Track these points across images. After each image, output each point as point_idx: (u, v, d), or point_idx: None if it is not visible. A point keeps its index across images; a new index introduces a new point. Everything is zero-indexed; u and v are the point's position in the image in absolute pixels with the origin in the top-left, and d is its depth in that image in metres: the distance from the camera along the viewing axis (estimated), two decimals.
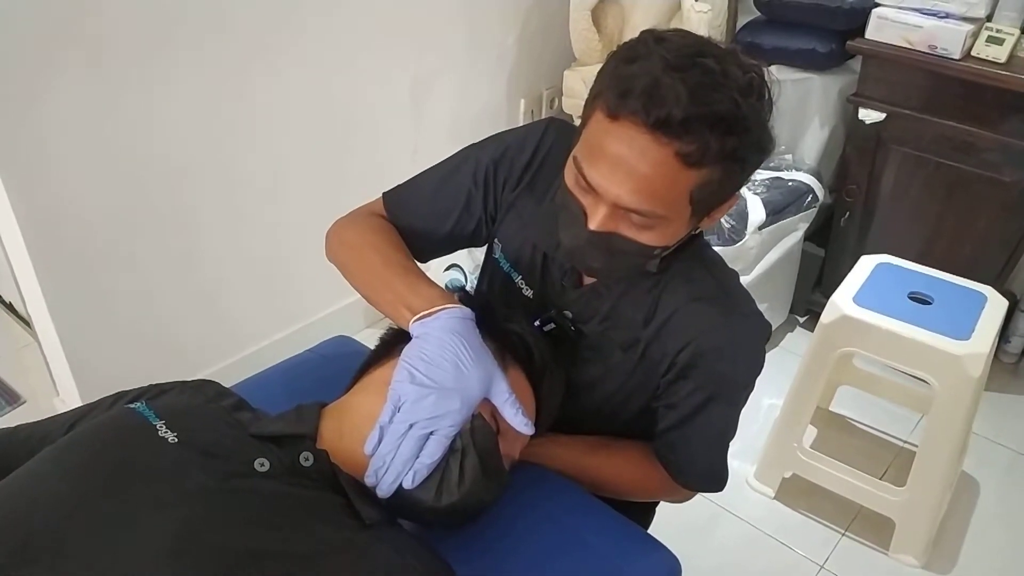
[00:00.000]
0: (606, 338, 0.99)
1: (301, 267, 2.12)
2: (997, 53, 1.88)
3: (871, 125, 2.10)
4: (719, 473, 1.06)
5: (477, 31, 2.28)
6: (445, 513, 0.84)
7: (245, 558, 0.71)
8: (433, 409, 0.80)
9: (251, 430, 0.84)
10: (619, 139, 0.78)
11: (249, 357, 2.06)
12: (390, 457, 0.81)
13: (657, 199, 0.80)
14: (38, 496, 0.73)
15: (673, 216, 0.83)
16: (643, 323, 0.96)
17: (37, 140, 1.53)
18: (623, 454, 1.07)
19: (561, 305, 1.01)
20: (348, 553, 0.76)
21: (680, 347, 0.94)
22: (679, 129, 0.75)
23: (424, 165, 1.09)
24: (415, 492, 0.82)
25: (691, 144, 0.76)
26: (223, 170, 1.84)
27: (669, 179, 0.78)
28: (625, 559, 0.94)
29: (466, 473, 0.82)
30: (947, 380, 1.64)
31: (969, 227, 2.10)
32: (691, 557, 1.03)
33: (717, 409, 0.98)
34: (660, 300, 0.95)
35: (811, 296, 2.48)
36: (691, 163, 0.77)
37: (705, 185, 0.80)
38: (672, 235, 0.86)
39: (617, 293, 0.97)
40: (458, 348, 0.83)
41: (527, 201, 1.02)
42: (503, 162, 1.03)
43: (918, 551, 1.79)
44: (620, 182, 0.79)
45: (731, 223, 2.07)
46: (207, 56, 1.71)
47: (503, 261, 1.06)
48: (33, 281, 1.65)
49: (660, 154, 0.77)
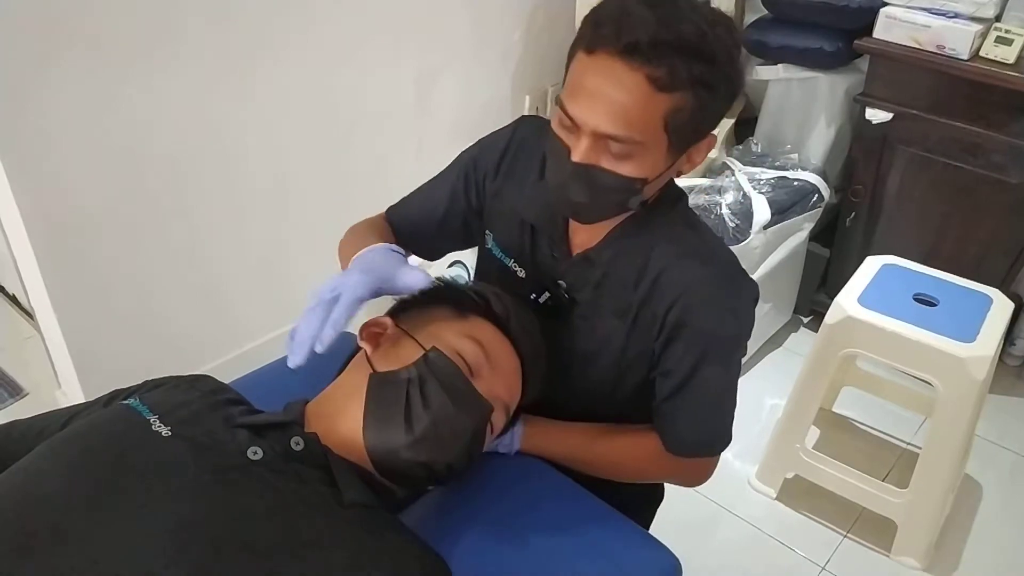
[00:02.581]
0: (599, 305, 1.02)
1: (304, 262, 2.12)
2: (1006, 54, 1.87)
3: (878, 125, 2.09)
4: (721, 436, 1.05)
5: (482, 26, 2.27)
6: (430, 449, 0.84)
7: (241, 546, 0.71)
8: (336, 282, 0.91)
9: (238, 421, 0.85)
10: (595, 71, 0.84)
11: (251, 352, 2.05)
12: (302, 326, 0.87)
13: (632, 124, 0.85)
14: (36, 491, 0.74)
15: (650, 143, 0.87)
16: (634, 286, 0.99)
17: (40, 133, 1.52)
18: (628, 435, 1.07)
19: (554, 276, 1.04)
20: (341, 540, 0.77)
21: (668, 305, 0.96)
22: (648, 53, 0.81)
23: (428, 161, 1.11)
24: (388, 432, 0.84)
25: (660, 68, 0.82)
26: (225, 164, 1.84)
27: (642, 103, 0.84)
28: (625, 558, 0.94)
29: (429, 397, 0.85)
30: (951, 382, 1.63)
31: (975, 229, 2.09)
32: (692, 557, 1.03)
33: (710, 370, 0.98)
34: (649, 261, 0.98)
35: (816, 296, 2.47)
36: (661, 87, 0.83)
37: (677, 111, 0.85)
38: (651, 167, 0.89)
39: (607, 258, 1.00)
40: (370, 255, 0.97)
41: (509, 187, 1.08)
42: (480, 157, 1.11)
43: (920, 553, 1.79)
44: (597, 110, 0.85)
45: (736, 222, 2.07)
46: (209, 49, 1.70)
47: (495, 248, 1.10)
48: (36, 274, 1.65)
49: (632, 79, 0.83)
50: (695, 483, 1.11)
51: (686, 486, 1.15)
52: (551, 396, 1.03)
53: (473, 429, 0.87)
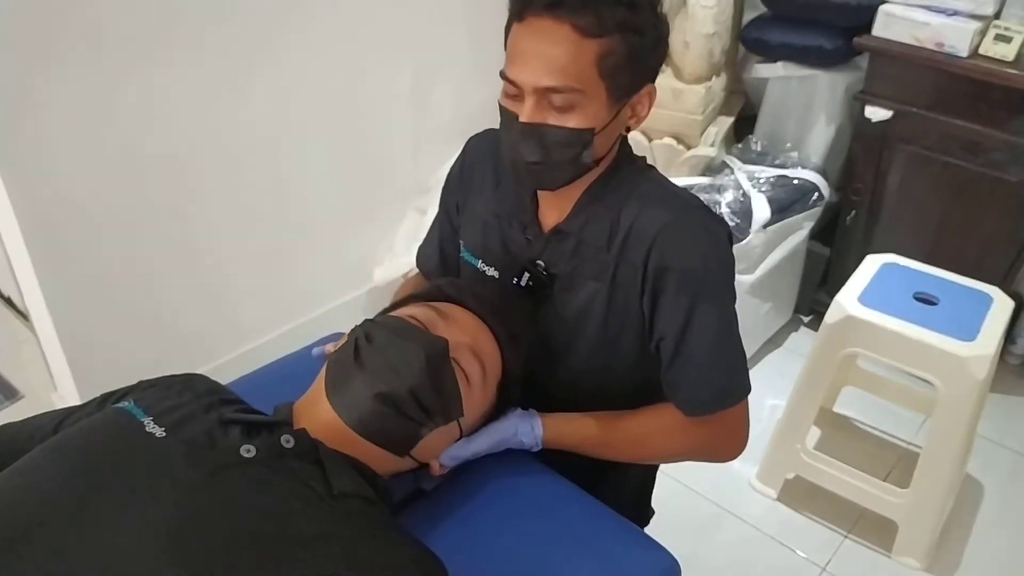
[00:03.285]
0: (578, 273, 1.04)
1: (303, 262, 2.12)
2: (1005, 51, 1.86)
3: (878, 123, 2.09)
4: (737, 381, 1.03)
5: (480, 25, 2.26)
6: (386, 377, 0.86)
7: (238, 543, 0.72)
8: None
9: (229, 419, 0.85)
10: (527, 34, 0.92)
11: (249, 352, 2.05)
12: None
13: (567, 73, 0.90)
14: (31, 493, 0.74)
15: (589, 91, 0.92)
16: (607, 247, 1.02)
17: (36, 132, 1.52)
18: (650, 410, 1.06)
19: (531, 257, 1.07)
20: (337, 537, 0.77)
21: (646, 253, 0.98)
22: (573, 3, 0.88)
23: (425, 161, 1.12)
24: (346, 383, 0.87)
25: (586, 16, 0.89)
26: (224, 164, 1.84)
27: (572, 52, 0.90)
28: (623, 559, 0.94)
29: (375, 337, 0.90)
30: (952, 382, 1.62)
31: (975, 227, 2.08)
32: (692, 557, 1.02)
33: (705, 311, 0.98)
34: (619, 220, 1.01)
35: (816, 295, 2.46)
36: (588, 33, 0.89)
37: (608, 55, 0.91)
38: (594, 115, 0.94)
39: (578, 226, 1.03)
40: None
41: (471, 199, 1.15)
42: (447, 184, 1.21)
43: (921, 554, 1.78)
44: (533, 67, 0.91)
45: (735, 221, 2.06)
46: (208, 48, 1.70)
47: (465, 254, 1.15)
48: (31, 275, 1.64)
49: (560, 31, 0.89)
50: (730, 448, 1.07)
51: (723, 458, 1.09)
52: (551, 374, 1.04)
53: (426, 354, 0.88)
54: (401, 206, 2.25)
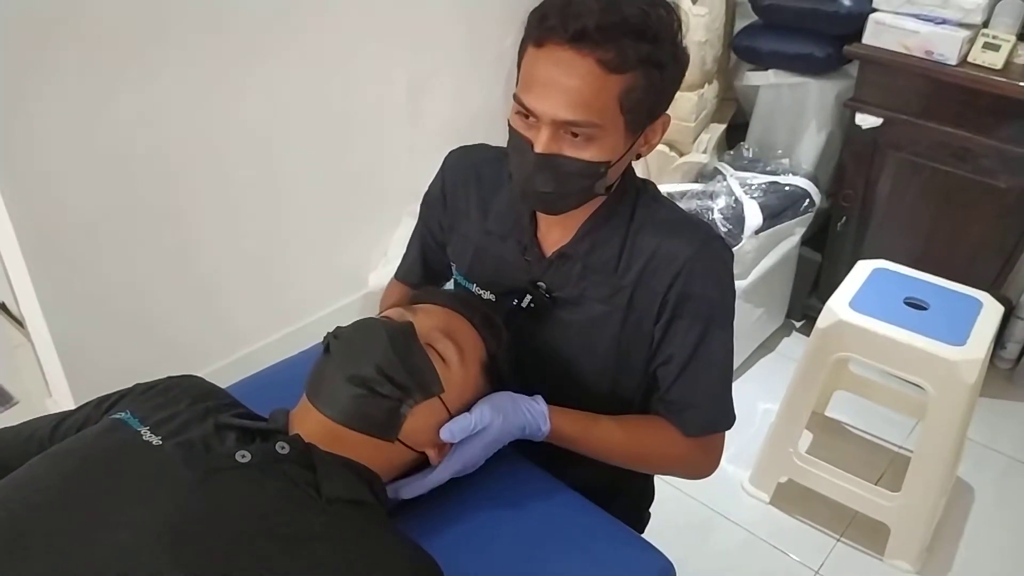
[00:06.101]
0: (585, 297, 1.04)
1: (297, 267, 2.12)
2: (993, 59, 1.88)
3: (868, 130, 2.11)
4: (728, 410, 1.06)
5: (475, 32, 2.28)
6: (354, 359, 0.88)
7: (234, 546, 0.72)
8: None
9: (224, 422, 0.86)
10: (546, 62, 0.88)
11: (245, 358, 2.05)
12: None
13: (590, 108, 0.88)
14: (30, 498, 0.75)
15: (608, 125, 0.90)
16: (616, 270, 1.01)
17: (30, 138, 1.52)
18: (651, 419, 1.07)
19: (532, 279, 1.06)
20: (332, 539, 0.78)
21: (669, 282, 0.99)
22: (596, 37, 0.85)
23: (420, 165, 1.12)
24: (321, 376, 0.90)
25: (609, 51, 0.85)
26: (218, 169, 1.84)
27: (596, 87, 0.87)
28: (618, 562, 0.95)
29: (341, 331, 0.93)
30: (942, 386, 1.64)
31: (965, 233, 2.10)
32: (686, 561, 1.03)
33: (715, 336, 1.01)
34: (634, 246, 1.01)
35: (807, 301, 2.48)
36: (612, 68, 0.86)
37: (631, 91, 0.88)
38: (612, 149, 0.92)
39: (584, 251, 1.02)
40: None
41: (457, 221, 1.14)
42: (427, 200, 1.19)
43: (913, 557, 1.79)
44: (554, 99, 0.88)
45: (727, 227, 2.07)
46: (202, 54, 1.70)
47: (459, 278, 1.14)
48: (26, 281, 1.64)
49: (584, 65, 0.86)
50: (709, 468, 1.09)
51: (702, 476, 1.11)
52: (550, 399, 1.03)
53: (388, 332, 0.90)
54: (396, 211, 2.25)
